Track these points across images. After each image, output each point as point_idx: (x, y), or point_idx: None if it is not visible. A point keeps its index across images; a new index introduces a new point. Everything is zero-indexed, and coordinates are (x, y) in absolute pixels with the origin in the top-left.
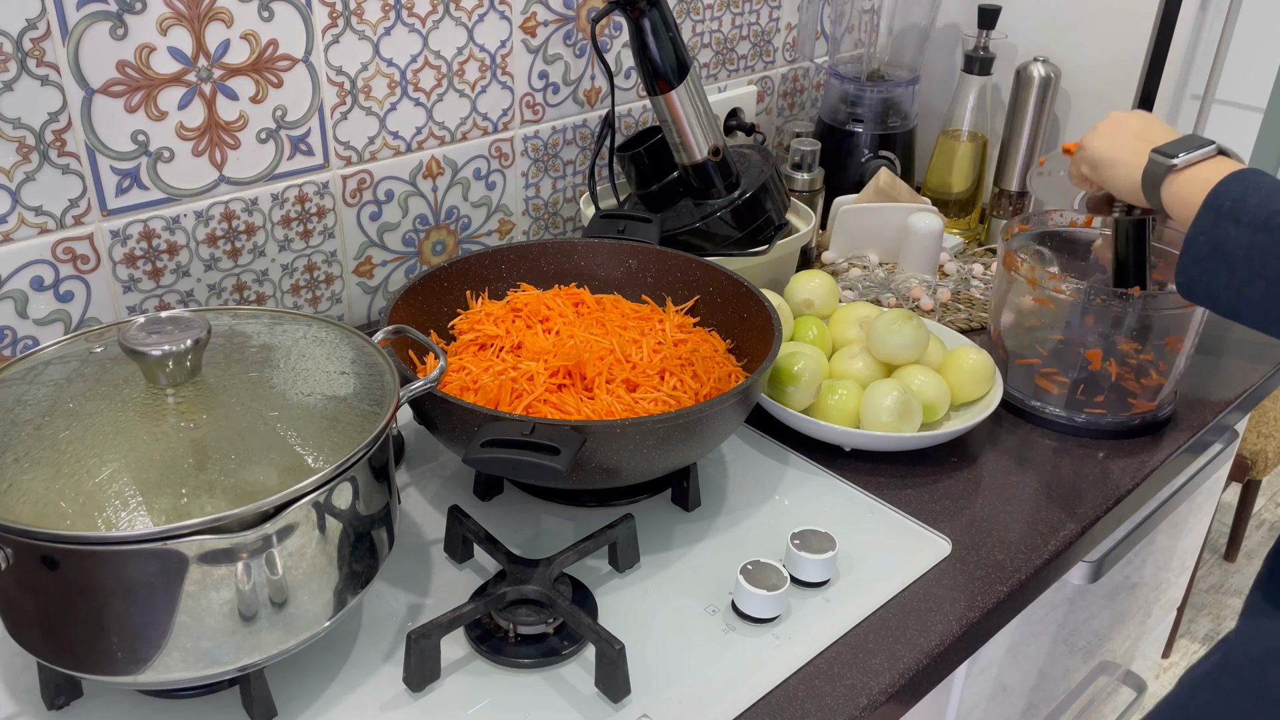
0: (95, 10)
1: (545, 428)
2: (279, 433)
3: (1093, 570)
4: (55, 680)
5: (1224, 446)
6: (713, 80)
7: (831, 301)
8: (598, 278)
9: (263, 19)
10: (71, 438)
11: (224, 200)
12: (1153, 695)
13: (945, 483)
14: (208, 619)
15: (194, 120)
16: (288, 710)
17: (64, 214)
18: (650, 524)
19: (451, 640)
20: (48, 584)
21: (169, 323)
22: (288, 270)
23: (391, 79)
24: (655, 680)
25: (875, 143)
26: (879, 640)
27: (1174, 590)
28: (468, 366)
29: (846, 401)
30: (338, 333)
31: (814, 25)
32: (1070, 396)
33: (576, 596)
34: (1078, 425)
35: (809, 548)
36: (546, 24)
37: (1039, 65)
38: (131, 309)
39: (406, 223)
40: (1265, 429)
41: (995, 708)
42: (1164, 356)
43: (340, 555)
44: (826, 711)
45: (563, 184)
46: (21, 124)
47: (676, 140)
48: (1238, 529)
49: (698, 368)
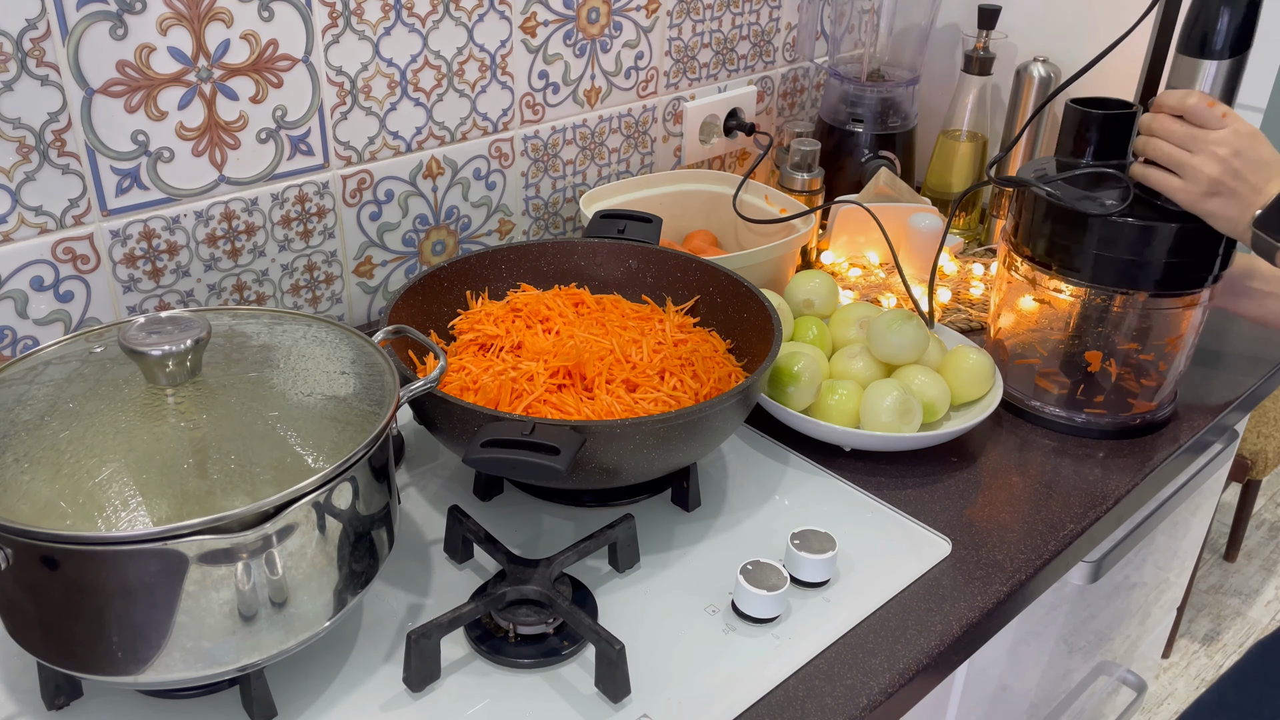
0: (95, 10)
1: (545, 428)
2: (279, 433)
3: (1093, 570)
4: (55, 680)
5: (1224, 446)
6: (713, 80)
7: (831, 301)
8: (598, 278)
9: (263, 19)
10: (71, 438)
11: (224, 200)
12: (1153, 695)
13: (945, 483)
14: (208, 619)
15: (194, 120)
16: (288, 710)
17: (64, 214)
18: (650, 524)
19: (451, 640)
20: (48, 584)
21: (169, 323)
22: (288, 270)
23: (391, 79)
24: (655, 680)
25: (875, 143)
26: (879, 640)
27: (1174, 590)
28: (468, 366)
29: (846, 401)
30: (338, 333)
31: (814, 25)
32: (1070, 397)
33: (576, 596)
34: (1077, 425)
35: (809, 548)
36: (546, 24)
37: (1039, 65)
38: (131, 309)
39: (406, 223)
40: (1265, 429)
41: (995, 708)
42: (1163, 356)
43: (340, 555)
44: (826, 711)
45: (562, 184)
46: (21, 124)
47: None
48: (1238, 529)
49: (698, 368)
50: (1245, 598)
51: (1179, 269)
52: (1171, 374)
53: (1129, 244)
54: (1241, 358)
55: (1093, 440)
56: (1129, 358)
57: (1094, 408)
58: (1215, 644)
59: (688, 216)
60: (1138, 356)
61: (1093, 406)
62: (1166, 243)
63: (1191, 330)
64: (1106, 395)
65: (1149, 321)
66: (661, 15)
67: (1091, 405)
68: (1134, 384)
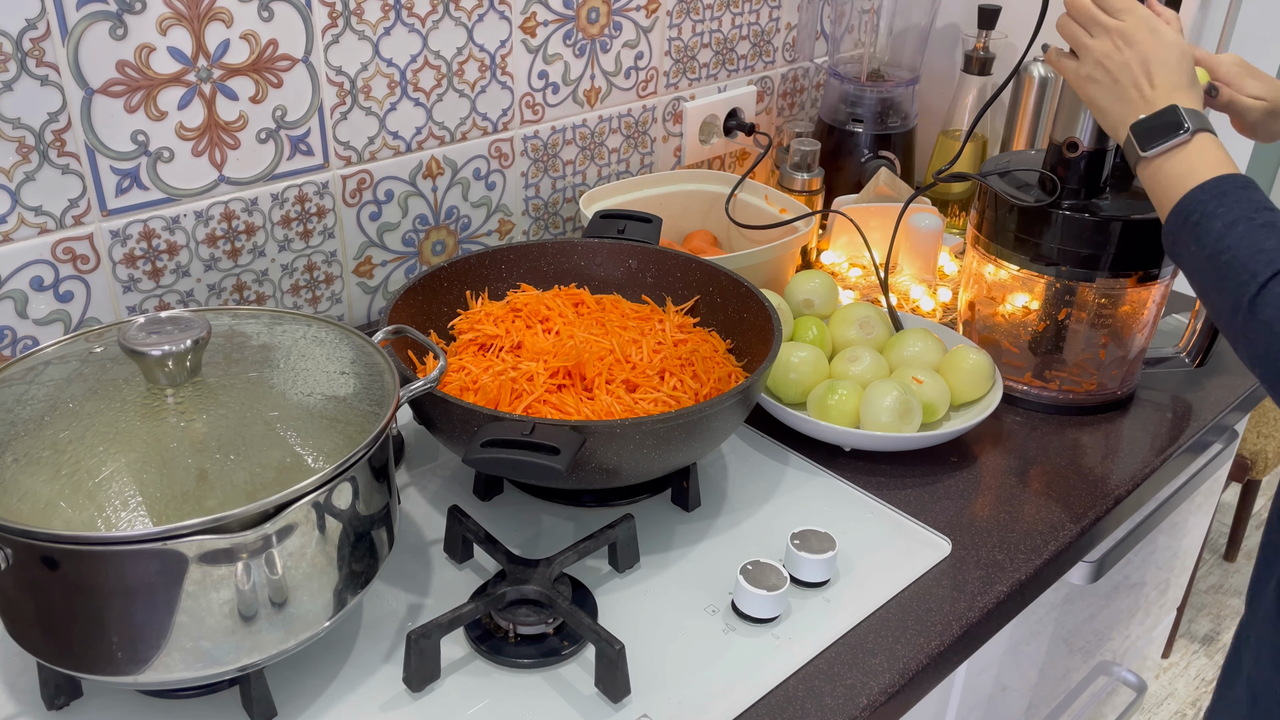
0: (95, 10)
1: (545, 428)
2: (279, 433)
3: (1093, 570)
4: (55, 680)
5: (1224, 446)
6: (713, 80)
7: (831, 301)
8: (598, 278)
9: (262, 19)
10: (71, 438)
11: (224, 200)
12: (1153, 695)
13: (945, 483)
14: (208, 619)
15: (194, 120)
16: (288, 710)
17: (64, 214)
18: (650, 524)
19: (451, 640)
20: (48, 584)
21: (169, 323)
22: (288, 270)
23: (391, 79)
24: (655, 680)
25: (875, 143)
26: (879, 640)
27: (1174, 590)
28: (468, 366)
29: (846, 401)
30: (338, 333)
31: (814, 25)
32: (1038, 373)
33: (576, 596)
34: (1044, 402)
35: (809, 548)
36: (546, 24)
37: (1039, 65)
38: (131, 309)
39: (406, 223)
40: (1265, 429)
41: (995, 708)
42: (1130, 325)
43: (340, 555)
44: (826, 711)
45: (562, 184)
46: (21, 124)
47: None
48: (1238, 529)
49: (698, 368)
50: (1245, 598)
51: (1092, 258)
52: (1134, 347)
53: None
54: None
55: (1093, 440)
56: (1095, 333)
57: (1062, 382)
58: (1215, 644)
59: (688, 216)
60: (1103, 327)
61: (1058, 380)
62: (1087, 232)
63: (1150, 309)
64: (1070, 369)
65: (1113, 294)
66: (661, 15)
67: (1056, 378)
68: (1099, 356)
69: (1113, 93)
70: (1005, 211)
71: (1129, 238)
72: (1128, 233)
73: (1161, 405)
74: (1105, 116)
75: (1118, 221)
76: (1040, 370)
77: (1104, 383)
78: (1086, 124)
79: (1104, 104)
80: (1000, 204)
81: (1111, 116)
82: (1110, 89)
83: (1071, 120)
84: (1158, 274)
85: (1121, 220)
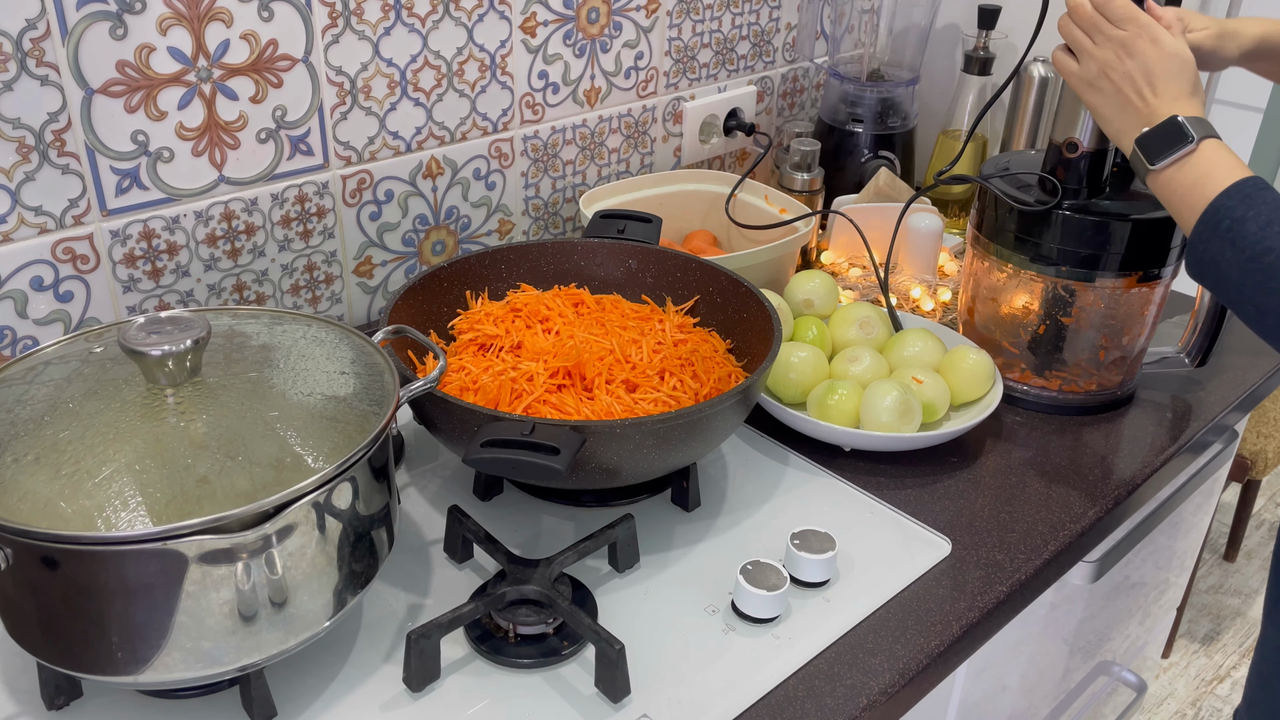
0: (95, 10)
1: (545, 428)
2: (279, 433)
3: (1093, 570)
4: (55, 680)
5: (1224, 446)
6: (713, 80)
7: (831, 301)
8: (597, 278)
9: (262, 19)
10: (71, 438)
11: (224, 200)
12: (1153, 695)
13: (945, 483)
14: (208, 619)
15: (194, 120)
16: (288, 710)
17: (64, 214)
18: (650, 524)
19: (451, 640)
20: (48, 584)
21: (169, 323)
22: (288, 270)
23: (391, 79)
24: (655, 680)
25: (875, 143)
26: (879, 640)
27: (1174, 590)
28: (468, 366)
29: (846, 401)
30: (338, 333)
31: (814, 25)
32: (1038, 373)
33: (576, 596)
34: (1045, 401)
35: (809, 548)
36: (546, 24)
37: (1039, 65)
38: (131, 309)
39: (406, 223)
40: (1265, 429)
41: (995, 708)
42: (1130, 325)
43: (340, 555)
44: (826, 711)
45: (562, 184)
46: (21, 124)
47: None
48: (1238, 529)
49: (698, 368)
50: (1245, 598)
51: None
52: (1137, 344)
53: (1055, 232)
54: (1241, 358)
55: (1092, 440)
56: (1100, 332)
57: (1063, 382)
58: (1215, 644)
59: (688, 216)
60: (1104, 326)
61: (1060, 380)
62: (1087, 232)
63: (1152, 308)
64: (1071, 369)
65: (1115, 296)
66: (661, 15)
67: (1058, 377)
68: (1100, 356)
69: (1116, 102)
70: (1005, 211)
71: (1129, 238)
72: (1128, 233)
73: (1161, 405)
74: (1108, 124)
75: (1118, 221)
76: (1040, 370)
77: (1104, 383)
78: (1086, 124)
79: (1107, 113)
80: (1000, 204)
81: (1114, 126)
82: (1114, 99)
83: (1071, 120)
84: (1158, 274)
85: (1122, 220)
